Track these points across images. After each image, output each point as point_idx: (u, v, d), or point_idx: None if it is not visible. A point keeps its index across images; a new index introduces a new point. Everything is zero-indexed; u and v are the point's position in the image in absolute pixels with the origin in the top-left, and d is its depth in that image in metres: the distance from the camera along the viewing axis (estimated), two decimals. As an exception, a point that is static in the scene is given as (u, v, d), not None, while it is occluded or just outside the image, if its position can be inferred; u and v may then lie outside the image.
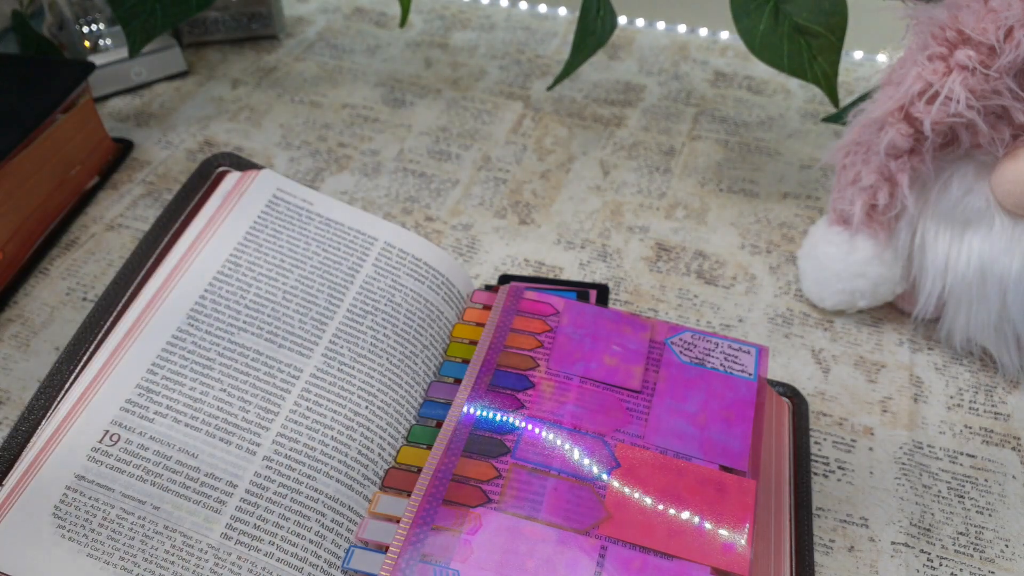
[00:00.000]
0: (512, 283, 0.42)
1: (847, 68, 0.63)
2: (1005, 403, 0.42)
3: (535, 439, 0.35)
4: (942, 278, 0.41)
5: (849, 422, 0.41)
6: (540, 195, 0.54)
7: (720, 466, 0.34)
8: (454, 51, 0.68)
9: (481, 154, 0.58)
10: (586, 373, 0.37)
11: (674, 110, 0.61)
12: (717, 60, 0.66)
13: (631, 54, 0.67)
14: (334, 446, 0.34)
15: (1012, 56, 0.36)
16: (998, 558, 0.36)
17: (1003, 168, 0.39)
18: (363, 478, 0.34)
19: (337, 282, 0.39)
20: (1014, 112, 0.38)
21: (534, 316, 0.40)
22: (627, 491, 0.33)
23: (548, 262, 0.50)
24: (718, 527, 0.32)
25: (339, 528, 0.33)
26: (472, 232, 0.52)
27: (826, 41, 0.47)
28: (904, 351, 0.45)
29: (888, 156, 0.40)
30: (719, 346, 0.39)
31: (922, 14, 0.38)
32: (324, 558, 0.32)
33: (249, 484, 0.33)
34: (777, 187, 0.54)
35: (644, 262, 0.50)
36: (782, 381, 0.42)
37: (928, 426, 0.41)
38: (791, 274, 0.49)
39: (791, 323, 0.46)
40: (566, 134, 0.59)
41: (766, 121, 0.60)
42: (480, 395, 0.37)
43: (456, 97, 0.63)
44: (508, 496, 0.33)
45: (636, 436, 0.35)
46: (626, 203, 0.54)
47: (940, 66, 0.37)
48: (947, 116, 0.38)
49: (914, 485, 0.39)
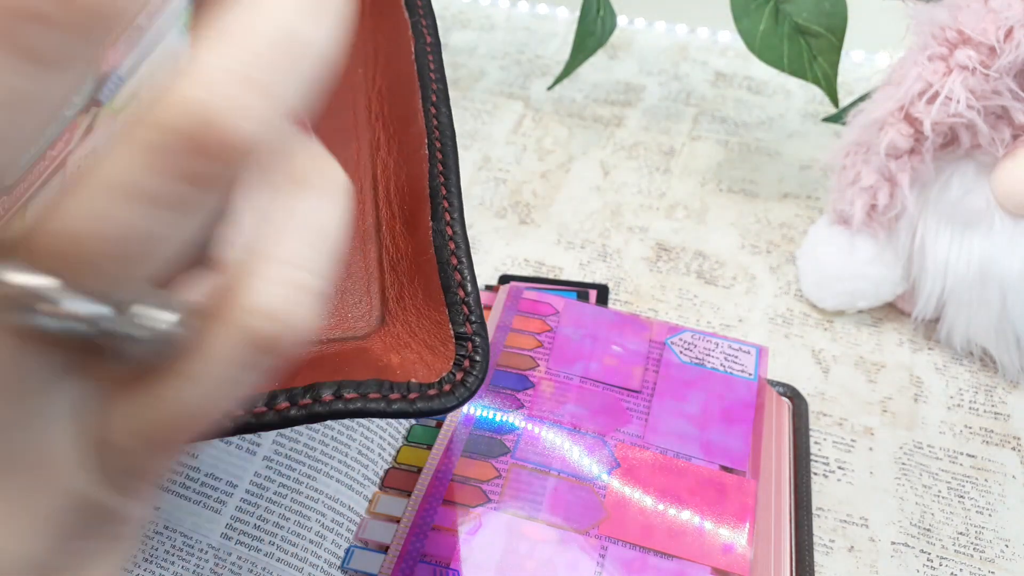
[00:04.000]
0: (512, 283, 0.42)
1: (847, 68, 0.63)
2: (1005, 403, 0.42)
3: (535, 439, 0.35)
4: (942, 278, 0.41)
5: (849, 422, 0.41)
6: (540, 195, 0.54)
7: (720, 466, 0.34)
8: (454, 51, 0.68)
9: (481, 154, 0.58)
10: (586, 373, 0.37)
11: (674, 110, 0.61)
12: (717, 60, 0.66)
13: (631, 54, 0.67)
14: (334, 446, 0.34)
15: (1012, 56, 0.36)
16: (998, 558, 0.36)
17: (1003, 168, 0.39)
18: (363, 478, 0.34)
19: (337, 282, 0.39)
20: (1014, 112, 0.38)
21: (534, 316, 0.40)
22: (627, 491, 0.33)
23: (548, 262, 0.50)
24: (718, 527, 0.32)
25: (339, 528, 0.33)
26: (472, 232, 0.52)
27: (826, 41, 0.47)
28: (904, 351, 0.45)
29: (888, 156, 0.40)
30: (719, 346, 0.39)
31: (922, 14, 0.38)
32: (324, 558, 0.32)
33: (249, 484, 0.33)
34: (777, 187, 0.54)
35: (644, 262, 0.50)
36: (782, 381, 0.42)
37: (928, 426, 0.41)
38: (791, 274, 0.49)
39: (791, 323, 0.46)
40: (566, 134, 0.59)
41: (766, 121, 0.60)
42: (480, 395, 0.37)
43: (456, 97, 0.63)
44: (508, 496, 0.33)
45: (636, 436, 0.35)
46: (626, 203, 0.54)
47: (940, 66, 0.37)
48: (947, 116, 0.38)
49: (914, 485, 0.39)
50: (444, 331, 0.28)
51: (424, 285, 0.30)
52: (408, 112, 0.34)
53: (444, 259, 0.30)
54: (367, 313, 0.31)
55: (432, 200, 0.31)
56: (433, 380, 0.27)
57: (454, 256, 0.30)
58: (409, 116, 0.34)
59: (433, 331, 0.29)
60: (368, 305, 0.31)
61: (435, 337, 0.28)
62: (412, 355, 0.28)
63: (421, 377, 0.27)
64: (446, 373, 0.27)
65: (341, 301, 0.31)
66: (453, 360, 0.27)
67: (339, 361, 0.28)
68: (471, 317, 0.28)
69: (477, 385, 0.27)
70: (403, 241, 0.32)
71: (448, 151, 0.32)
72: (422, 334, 0.29)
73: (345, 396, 0.25)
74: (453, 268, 0.29)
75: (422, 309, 0.30)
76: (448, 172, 0.32)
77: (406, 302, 0.30)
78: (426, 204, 0.31)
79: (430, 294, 0.29)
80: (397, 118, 0.35)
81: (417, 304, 0.30)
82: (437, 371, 0.27)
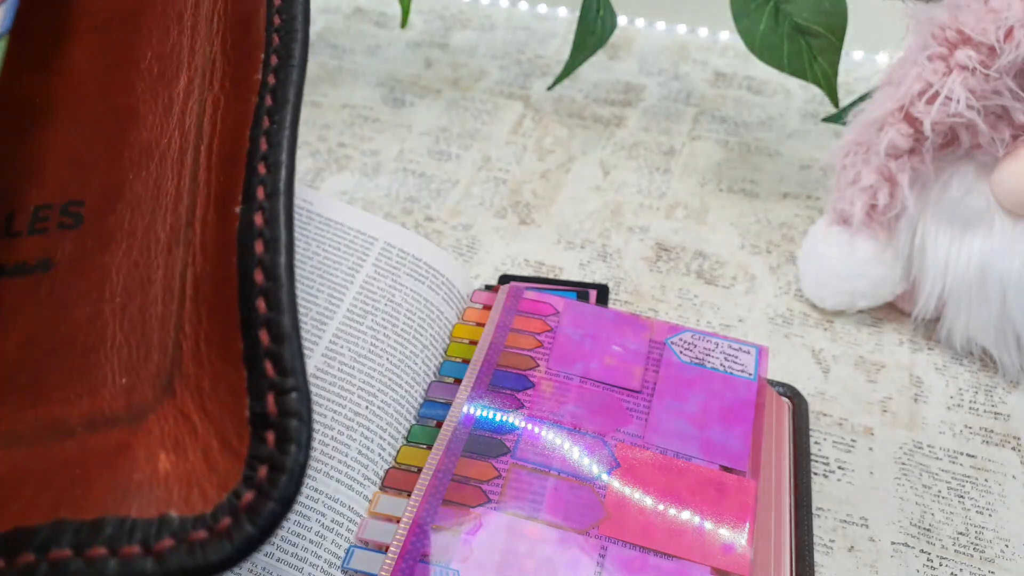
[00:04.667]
0: (512, 283, 0.42)
1: (847, 68, 0.63)
2: (1005, 403, 0.42)
3: (535, 439, 0.35)
4: (942, 278, 0.41)
5: (849, 422, 0.41)
6: (540, 195, 0.54)
7: (720, 466, 0.34)
8: (454, 51, 0.68)
9: (481, 154, 0.58)
10: (586, 373, 0.37)
11: (674, 110, 0.61)
12: (717, 60, 0.66)
13: (631, 54, 0.67)
14: (334, 446, 0.34)
15: (1012, 56, 0.36)
16: (998, 558, 0.36)
17: (1003, 168, 0.39)
18: (363, 478, 0.34)
19: (337, 282, 0.39)
20: (1014, 112, 0.38)
21: (534, 316, 0.40)
22: (627, 491, 0.33)
23: (548, 262, 0.50)
24: (718, 527, 0.32)
25: (339, 528, 0.33)
26: (472, 232, 0.52)
27: (826, 41, 0.47)
28: (904, 351, 0.45)
29: (888, 156, 0.40)
30: (719, 346, 0.39)
31: (922, 14, 0.38)
32: (324, 558, 0.32)
33: (249, 484, 0.33)
34: (777, 187, 0.54)
35: (644, 262, 0.50)
36: (782, 381, 0.42)
37: (928, 426, 0.41)
38: (791, 274, 0.49)
39: (791, 323, 0.46)
40: (566, 134, 0.59)
41: (766, 121, 0.60)
42: (480, 395, 0.37)
43: (456, 97, 0.63)
44: (508, 496, 0.33)
45: (636, 436, 0.35)
46: (626, 203, 0.54)
47: (940, 66, 0.37)
48: (947, 116, 0.38)
49: (914, 485, 0.39)
50: (240, 407, 0.18)
51: (222, 322, 0.19)
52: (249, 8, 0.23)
53: (247, 273, 0.18)
54: (151, 376, 0.19)
55: (247, 163, 0.20)
56: (207, 509, 0.17)
57: (259, 268, 0.18)
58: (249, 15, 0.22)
59: (228, 407, 0.18)
60: (155, 361, 0.19)
61: (229, 419, 0.18)
62: (194, 454, 0.17)
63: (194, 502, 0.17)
64: (226, 495, 0.16)
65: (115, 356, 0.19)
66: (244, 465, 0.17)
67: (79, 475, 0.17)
68: (278, 382, 0.17)
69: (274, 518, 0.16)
70: (211, 241, 0.20)
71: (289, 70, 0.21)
72: (215, 412, 0.18)
73: (50, 555, 0.16)
74: (257, 291, 0.18)
75: (217, 365, 0.19)
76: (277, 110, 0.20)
77: (202, 354, 0.19)
78: (241, 171, 0.20)
79: (228, 339, 0.18)
80: (237, 20, 0.23)
81: (213, 357, 0.19)
82: (222, 487, 0.17)
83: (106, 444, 0.18)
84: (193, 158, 0.21)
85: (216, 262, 0.19)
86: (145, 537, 0.16)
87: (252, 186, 0.19)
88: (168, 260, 0.20)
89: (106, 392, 0.19)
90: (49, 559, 0.16)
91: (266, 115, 0.20)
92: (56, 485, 0.17)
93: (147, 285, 0.20)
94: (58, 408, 0.18)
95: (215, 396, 0.18)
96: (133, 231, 0.21)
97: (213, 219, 0.20)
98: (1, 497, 0.17)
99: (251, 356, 0.18)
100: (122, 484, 0.17)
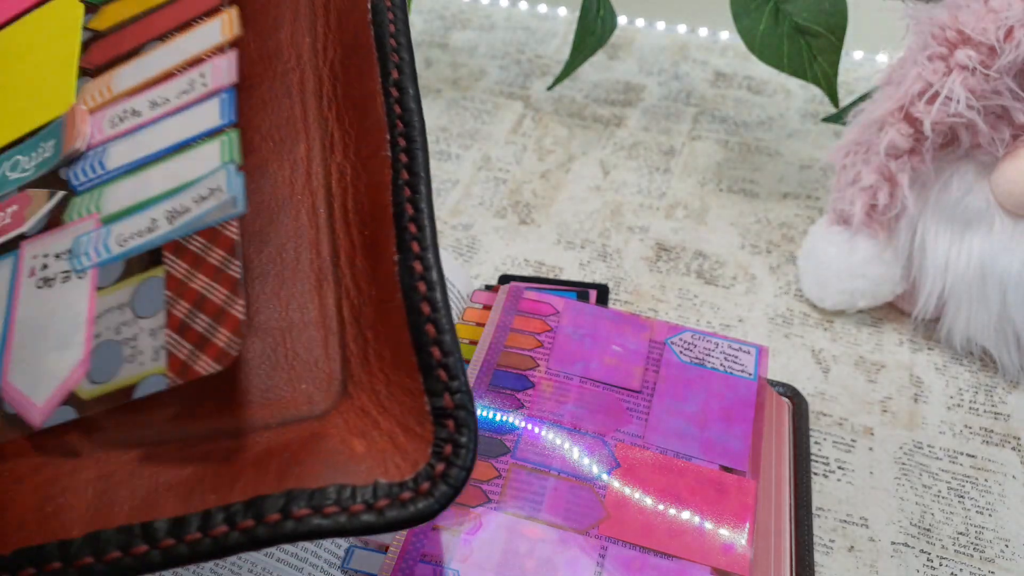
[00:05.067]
0: (512, 283, 0.42)
1: (847, 68, 0.63)
2: (1005, 403, 0.42)
3: (535, 439, 0.35)
4: (942, 278, 0.41)
5: (849, 422, 0.41)
6: (540, 195, 0.54)
7: (720, 466, 0.34)
8: (454, 51, 0.68)
9: (481, 154, 0.58)
10: (586, 373, 0.37)
11: (674, 110, 0.61)
12: (717, 60, 0.66)
13: (631, 54, 0.67)
14: (334, 446, 0.35)
15: (1012, 56, 0.36)
16: (998, 558, 0.36)
17: (1003, 168, 0.39)
18: (363, 478, 0.35)
19: (337, 282, 0.39)
20: (1014, 112, 0.38)
21: (534, 316, 0.40)
22: (627, 491, 0.33)
23: (548, 262, 0.50)
24: (718, 527, 0.32)
25: (339, 528, 0.33)
26: (472, 232, 0.52)
27: (826, 41, 0.47)
28: (904, 351, 0.45)
29: (888, 156, 0.40)
30: (719, 346, 0.39)
31: (922, 14, 0.38)
32: (324, 558, 0.32)
33: (249, 484, 0.33)
34: (777, 187, 0.54)
35: (644, 262, 0.50)
36: (782, 381, 0.42)
37: (928, 426, 0.41)
38: (791, 274, 0.49)
39: (791, 323, 0.46)
40: (566, 134, 0.59)
41: (766, 121, 0.60)
42: (480, 395, 0.37)
43: (456, 97, 0.63)
44: (508, 496, 0.33)
45: (636, 436, 0.35)
46: (626, 203, 0.54)
47: (940, 66, 0.37)
48: (947, 116, 0.38)
49: (914, 485, 0.39)
50: (419, 404, 0.22)
51: (392, 342, 0.24)
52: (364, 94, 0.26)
53: (414, 305, 0.23)
54: (325, 382, 0.24)
55: (396, 223, 0.24)
56: (407, 476, 0.21)
57: (426, 302, 0.23)
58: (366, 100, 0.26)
59: (407, 404, 0.23)
60: (327, 371, 0.24)
61: (409, 413, 0.22)
62: (382, 439, 0.22)
63: (392, 473, 0.21)
64: (423, 466, 0.21)
65: (290, 368, 0.24)
66: (432, 445, 0.22)
67: (288, 457, 0.22)
68: (451, 385, 0.22)
69: (463, 479, 0.21)
70: (365, 280, 0.25)
71: (415, 151, 0.25)
72: (394, 408, 0.23)
73: (294, 513, 0.20)
74: (425, 319, 0.23)
75: (391, 374, 0.23)
76: (416, 182, 0.25)
77: (372, 365, 0.24)
78: (390, 228, 0.24)
79: (399, 354, 0.23)
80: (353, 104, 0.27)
81: (385, 368, 0.24)
82: (412, 462, 0.22)
83: (300, 434, 0.23)
84: (327, 212, 0.26)
85: (374, 297, 0.24)
86: (365, 498, 0.21)
87: (405, 241, 0.24)
88: (321, 293, 0.25)
89: (287, 396, 0.24)
90: (293, 516, 0.20)
91: (406, 186, 0.25)
92: (272, 467, 0.21)
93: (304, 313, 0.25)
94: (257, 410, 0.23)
95: (392, 397, 0.23)
96: (282, 270, 0.25)
97: (363, 263, 0.25)
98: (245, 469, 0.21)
99: (425, 366, 0.23)
100: (330, 461, 0.21)
